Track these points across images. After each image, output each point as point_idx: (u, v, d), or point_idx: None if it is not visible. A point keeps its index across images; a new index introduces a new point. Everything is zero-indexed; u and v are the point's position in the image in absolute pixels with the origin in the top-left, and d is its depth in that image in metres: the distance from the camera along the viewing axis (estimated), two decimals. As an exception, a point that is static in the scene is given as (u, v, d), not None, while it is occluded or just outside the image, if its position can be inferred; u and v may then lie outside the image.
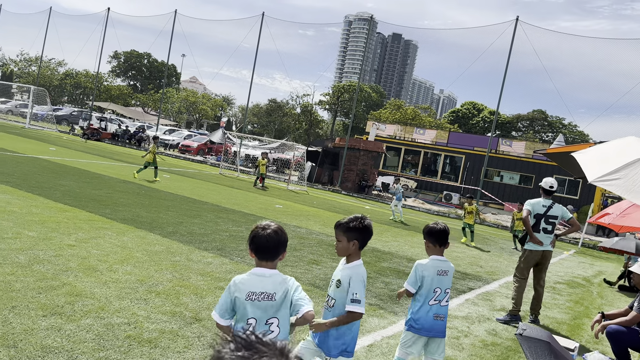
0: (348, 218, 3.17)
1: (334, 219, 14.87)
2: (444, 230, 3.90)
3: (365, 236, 3.13)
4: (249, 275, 2.61)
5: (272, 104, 76.20)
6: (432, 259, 3.90)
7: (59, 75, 75.89)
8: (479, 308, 7.28)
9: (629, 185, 3.57)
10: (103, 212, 9.38)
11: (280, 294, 2.59)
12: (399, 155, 36.03)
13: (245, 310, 2.53)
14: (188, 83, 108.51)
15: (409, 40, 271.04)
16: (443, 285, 3.84)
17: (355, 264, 3.14)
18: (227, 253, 7.83)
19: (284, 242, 2.64)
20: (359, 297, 3.00)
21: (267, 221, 2.68)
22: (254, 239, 2.61)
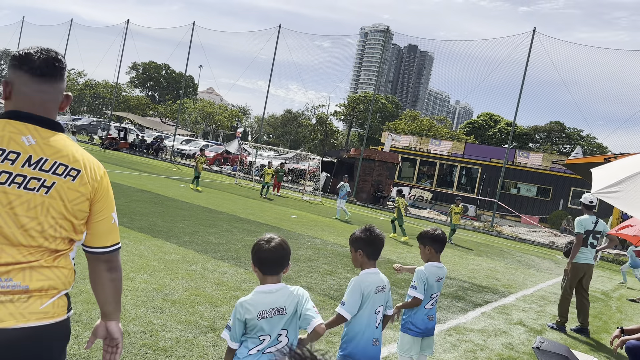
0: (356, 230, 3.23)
1: (349, 229, 14.84)
2: (445, 238, 4.00)
3: (371, 246, 3.15)
4: (254, 294, 2.54)
5: (287, 115, 76.63)
6: (431, 266, 3.94)
7: (79, 86, 77.32)
8: (495, 321, 7.20)
9: (628, 199, 3.52)
10: (120, 220, 9.49)
11: (291, 307, 2.56)
12: (414, 166, 35.90)
13: (257, 328, 2.48)
14: (205, 94, 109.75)
15: (425, 51, 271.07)
16: (437, 289, 3.98)
17: (363, 271, 3.18)
18: (242, 263, 7.87)
19: (289, 255, 2.60)
20: (345, 300, 3.06)
21: (269, 234, 2.64)
22: (258, 253, 2.55)
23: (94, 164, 1.92)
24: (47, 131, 1.82)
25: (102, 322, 2.05)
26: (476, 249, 15.40)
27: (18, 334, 1.69)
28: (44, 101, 1.83)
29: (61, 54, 1.91)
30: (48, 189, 1.76)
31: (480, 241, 18.22)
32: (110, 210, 1.95)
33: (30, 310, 1.72)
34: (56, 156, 1.79)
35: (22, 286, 1.71)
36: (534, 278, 11.96)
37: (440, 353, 5.40)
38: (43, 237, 1.76)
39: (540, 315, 8.07)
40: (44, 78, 1.82)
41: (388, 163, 29.29)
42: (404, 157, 35.08)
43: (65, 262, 1.85)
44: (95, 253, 1.94)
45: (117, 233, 1.99)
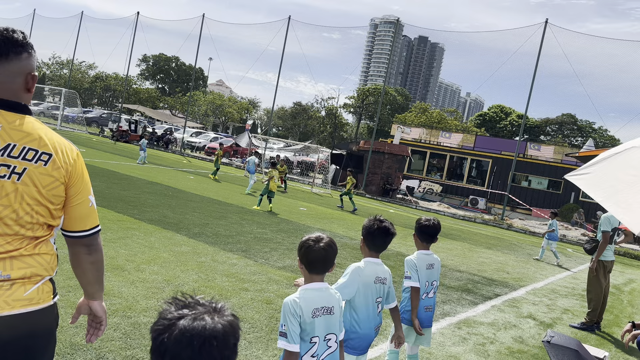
0: None
1: (358, 222, 14.84)
2: (437, 227, 3.96)
3: (373, 236, 3.14)
4: (304, 292, 2.48)
5: (297, 107, 76.50)
6: (420, 254, 3.95)
7: (90, 78, 77.71)
8: (505, 315, 7.17)
9: (594, 181, 3.41)
10: (131, 212, 9.56)
11: (337, 307, 2.53)
12: (424, 158, 35.75)
13: (309, 329, 2.41)
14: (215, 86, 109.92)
15: (436, 43, 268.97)
16: (430, 278, 3.95)
17: (364, 259, 3.18)
18: (252, 255, 7.90)
19: (336, 255, 2.57)
20: (337, 285, 2.96)
21: (317, 233, 2.60)
22: (308, 253, 2.50)
23: (65, 146, 1.86)
24: (13, 115, 1.76)
25: (85, 301, 2.04)
26: (486, 242, 15.33)
27: (5, 322, 1.67)
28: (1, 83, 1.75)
29: (21, 32, 1.82)
30: (19, 176, 1.72)
31: (491, 234, 18.14)
32: (86, 193, 1.91)
33: (14, 298, 1.70)
34: (24, 141, 1.74)
35: (3, 275, 1.69)
36: (544, 272, 11.89)
37: (450, 346, 5.40)
38: (19, 224, 1.73)
39: (550, 309, 8.03)
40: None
41: (398, 156, 29.18)
42: (414, 149, 34.93)
43: (46, 248, 1.82)
44: (75, 237, 1.90)
45: (95, 216, 1.95)
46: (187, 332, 1.09)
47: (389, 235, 3.16)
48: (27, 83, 1.82)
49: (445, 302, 7.21)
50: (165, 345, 1.10)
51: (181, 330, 1.10)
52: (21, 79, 1.80)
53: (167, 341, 1.10)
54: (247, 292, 5.88)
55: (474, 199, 30.70)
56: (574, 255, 16.39)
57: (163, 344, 1.11)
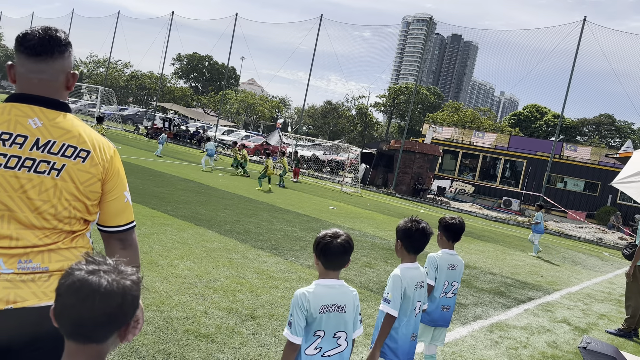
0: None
1: (388, 221, 14.75)
2: (462, 226, 3.88)
3: (410, 239, 3.08)
4: (316, 287, 2.48)
5: (327, 106, 76.56)
6: (444, 253, 3.88)
7: (125, 77, 79.54)
8: (538, 319, 7.01)
9: None
10: (165, 208, 9.75)
11: (350, 306, 2.51)
12: (456, 158, 35.26)
13: (315, 323, 2.42)
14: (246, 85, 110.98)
15: (469, 41, 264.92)
16: (451, 278, 3.88)
17: (402, 265, 3.12)
18: (282, 252, 7.94)
19: (352, 251, 2.55)
20: (389, 297, 2.97)
21: (334, 229, 2.58)
22: (325, 248, 2.47)
23: (103, 143, 1.90)
24: (54, 112, 1.80)
25: None
26: (519, 245, 15.01)
27: (42, 312, 1.71)
28: (43, 81, 1.80)
29: (64, 32, 1.86)
30: (58, 172, 1.76)
31: (524, 237, 17.75)
32: (122, 190, 1.94)
33: (51, 289, 1.73)
34: (64, 138, 1.78)
35: (42, 267, 1.74)
36: (579, 275, 11.57)
37: (482, 349, 5.31)
38: (57, 219, 1.77)
39: (586, 314, 7.81)
40: (40, 57, 1.78)
41: (429, 155, 28.87)
42: (446, 149, 34.48)
43: (82, 242, 1.87)
44: (110, 232, 1.94)
45: (130, 212, 1.98)
46: (77, 282, 1.18)
47: (427, 237, 3.10)
48: (68, 81, 1.87)
49: (477, 305, 7.10)
50: (60, 290, 1.20)
51: (74, 279, 1.18)
52: (63, 77, 1.85)
53: (62, 287, 1.19)
54: (277, 290, 5.92)
55: (507, 200, 30.12)
56: (611, 260, 15.89)
57: (59, 288, 1.20)
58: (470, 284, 8.35)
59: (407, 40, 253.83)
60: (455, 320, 6.12)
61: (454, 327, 5.87)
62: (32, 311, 1.70)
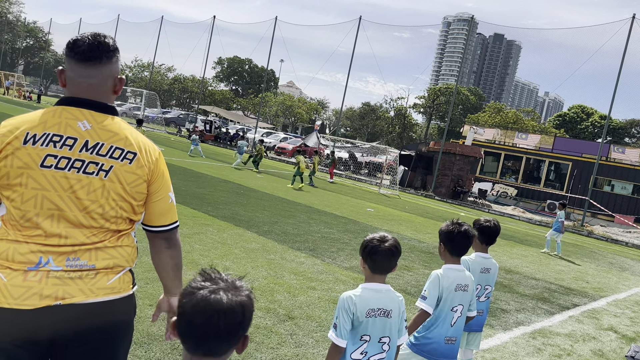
0: None
1: (427, 224, 14.57)
2: (497, 229, 3.78)
3: (453, 241, 3.06)
4: (362, 290, 2.46)
5: (365, 107, 76.32)
6: (477, 256, 3.78)
7: (168, 80, 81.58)
8: (583, 326, 6.78)
9: None
10: (205, 209, 9.95)
11: (396, 311, 2.49)
12: (498, 160, 34.47)
13: (361, 327, 2.41)
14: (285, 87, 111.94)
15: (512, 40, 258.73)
16: (484, 282, 3.79)
17: (445, 266, 3.11)
18: (319, 254, 7.97)
19: (399, 256, 2.53)
20: (426, 294, 3.00)
21: (381, 232, 2.57)
22: (372, 252, 2.46)
23: (148, 146, 1.95)
24: (102, 115, 1.86)
25: (165, 297, 2.14)
26: (564, 250, 14.54)
27: (89, 309, 1.78)
28: (92, 85, 1.86)
29: (112, 38, 1.92)
30: (106, 173, 1.82)
31: (569, 241, 17.19)
32: (166, 190, 1.99)
33: (98, 286, 1.81)
34: (112, 140, 1.84)
35: (89, 265, 1.80)
36: (627, 282, 11.11)
37: (523, 356, 5.18)
38: (104, 218, 1.83)
39: (634, 322, 7.49)
40: (89, 62, 1.84)
41: (470, 157, 28.34)
42: (487, 151, 33.75)
43: (128, 240, 1.92)
44: (155, 232, 2.00)
45: (174, 212, 2.03)
46: (202, 302, 1.27)
47: (469, 239, 3.08)
48: (115, 85, 1.94)
49: (519, 311, 6.92)
50: (184, 309, 1.29)
51: (198, 299, 1.28)
52: (111, 82, 1.92)
53: (186, 306, 1.29)
54: (315, 291, 5.94)
55: (551, 203, 29.22)
56: (664, 267, 15.17)
57: (183, 307, 1.30)
58: (512, 289, 8.15)
59: (448, 40, 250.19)
60: (497, 326, 5.99)
61: (495, 332, 5.75)
62: (79, 307, 1.77)
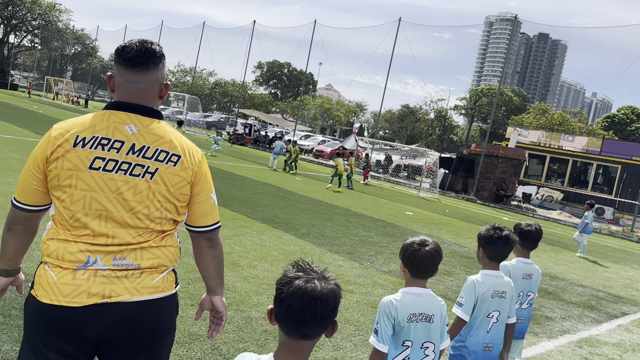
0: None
1: (468, 229, 14.30)
2: (539, 233, 3.64)
3: (492, 246, 2.98)
4: (403, 295, 2.44)
5: (404, 110, 75.61)
6: (518, 262, 3.65)
7: (210, 85, 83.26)
8: (633, 336, 6.49)
9: None
10: (245, 211, 10.08)
11: (438, 316, 2.46)
12: (543, 163, 33.49)
13: (402, 332, 2.39)
14: (323, 90, 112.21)
15: (557, 40, 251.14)
16: (526, 288, 3.66)
17: (482, 272, 3.04)
18: (357, 257, 7.94)
19: (440, 260, 2.50)
20: (462, 301, 2.93)
21: (422, 236, 2.53)
22: (412, 256, 2.44)
23: (192, 148, 2.00)
24: (148, 119, 1.92)
25: (208, 296, 2.17)
26: (613, 256, 13.98)
27: (134, 307, 1.83)
28: (140, 90, 1.92)
29: (158, 45, 1.97)
30: (152, 175, 1.87)
31: (618, 247, 16.51)
32: (209, 192, 2.03)
33: (143, 285, 1.86)
34: (157, 143, 1.89)
35: (134, 264, 1.85)
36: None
37: (568, 366, 5.00)
38: (149, 219, 1.88)
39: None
40: (137, 69, 1.90)
41: (513, 160, 27.64)
42: (532, 153, 32.83)
43: (171, 241, 1.97)
44: (197, 232, 2.04)
45: (216, 213, 2.08)
46: (300, 290, 1.43)
47: (509, 245, 2.99)
48: (161, 90, 2.00)
49: (564, 319, 6.70)
50: (284, 296, 1.45)
51: (296, 287, 1.44)
52: (157, 87, 1.98)
53: (285, 294, 1.45)
54: (353, 295, 5.92)
55: (599, 208, 28.14)
56: None
57: (282, 294, 1.45)
58: (558, 296, 7.89)
59: (490, 40, 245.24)
60: (541, 334, 5.82)
61: (539, 340, 5.58)
62: (124, 306, 1.82)
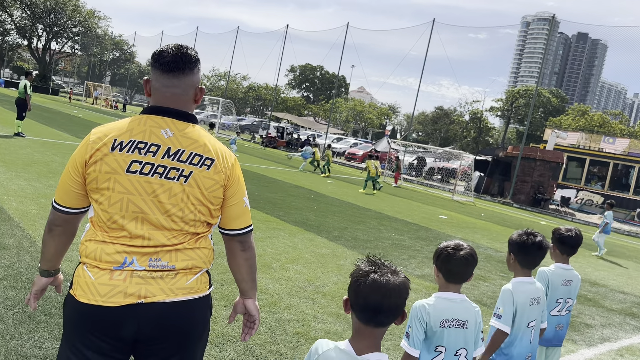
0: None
1: (504, 233, 14.00)
2: (579, 238, 3.50)
3: (524, 253, 2.89)
4: (436, 299, 2.42)
5: (438, 112, 74.72)
6: (557, 267, 3.51)
7: (243, 89, 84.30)
8: (681, 348, 6.20)
9: None
10: (277, 214, 10.14)
11: (472, 322, 2.40)
12: (582, 166, 32.53)
13: (435, 337, 2.36)
14: (356, 93, 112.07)
15: (597, 39, 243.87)
16: (565, 295, 3.52)
17: (515, 279, 2.95)
18: (390, 261, 7.86)
19: (475, 265, 2.45)
20: (500, 312, 2.82)
21: (456, 240, 2.49)
22: (446, 260, 2.40)
23: (225, 152, 2.02)
24: (183, 123, 1.95)
25: (241, 300, 2.19)
26: (658, 262, 13.43)
27: (168, 307, 1.86)
28: (175, 95, 1.95)
29: (194, 50, 2.00)
30: (186, 178, 1.89)
31: (663, 253, 15.83)
32: (241, 195, 2.05)
33: (178, 286, 1.88)
34: (192, 147, 1.92)
35: (169, 266, 1.88)
36: None
37: (610, 376, 4.82)
38: (184, 222, 1.91)
39: None
40: (173, 73, 1.94)
41: (551, 162, 26.93)
42: (571, 156, 31.93)
43: (205, 243, 2.00)
44: (230, 235, 2.06)
45: (249, 216, 2.09)
46: (375, 283, 1.60)
47: (543, 251, 2.90)
48: (196, 95, 2.03)
49: (604, 326, 6.47)
50: (361, 288, 1.61)
51: (372, 280, 1.61)
52: (192, 91, 2.02)
53: (362, 286, 1.61)
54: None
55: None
56: None
57: (359, 286, 1.61)
58: (598, 303, 7.63)
59: (527, 40, 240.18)
60: (580, 342, 5.63)
61: (578, 348, 5.40)
62: (160, 306, 1.85)
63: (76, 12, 76.10)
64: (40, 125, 20.00)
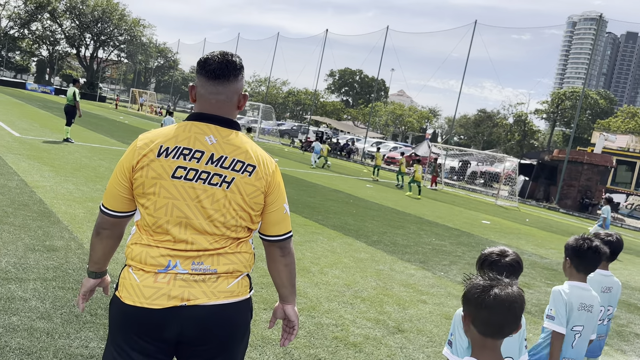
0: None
1: (550, 239, 13.57)
2: (619, 244, 3.39)
3: (580, 257, 2.83)
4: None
5: (481, 115, 73.22)
6: (597, 274, 3.35)
7: (283, 94, 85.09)
8: None
9: None
10: (316, 218, 10.16)
11: (517, 331, 2.47)
12: (632, 170, 31.18)
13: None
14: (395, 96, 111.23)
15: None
16: (605, 302, 3.39)
17: (568, 282, 2.89)
18: (430, 267, 7.75)
19: (521, 272, 2.47)
20: (553, 313, 2.78)
21: (501, 246, 2.47)
22: (491, 267, 2.42)
23: (266, 159, 2.04)
24: (226, 130, 1.98)
25: (280, 305, 2.20)
26: None
27: (210, 310, 1.89)
28: (220, 101, 1.98)
29: (238, 57, 2.03)
30: (229, 184, 1.92)
31: None
32: (282, 202, 2.07)
33: (219, 289, 1.91)
34: (234, 154, 1.95)
35: (211, 269, 1.91)
36: None
37: (665, 391, 4.58)
38: (225, 227, 1.94)
39: None
40: (218, 80, 1.96)
41: (599, 166, 25.95)
42: (620, 159, 30.67)
43: (246, 247, 2.02)
44: (270, 241, 2.08)
45: (288, 222, 2.11)
46: (500, 296, 1.65)
47: (599, 256, 2.84)
48: (240, 101, 2.06)
49: (659, 339, 6.15)
50: (485, 303, 1.65)
51: (496, 294, 1.65)
52: (236, 98, 2.05)
53: (487, 300, 1.65)
54: (426, 305, 5.78)
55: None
56: None
57: (483, 301, 1.65)
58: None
59: (573, 41, 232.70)
60: (629, 352, 5.38)
61: (628, 358, 5.16)
62: (202, 309, 1.88)
63: (122, 21, 78.81)
64: (87, 131, 20.78)
